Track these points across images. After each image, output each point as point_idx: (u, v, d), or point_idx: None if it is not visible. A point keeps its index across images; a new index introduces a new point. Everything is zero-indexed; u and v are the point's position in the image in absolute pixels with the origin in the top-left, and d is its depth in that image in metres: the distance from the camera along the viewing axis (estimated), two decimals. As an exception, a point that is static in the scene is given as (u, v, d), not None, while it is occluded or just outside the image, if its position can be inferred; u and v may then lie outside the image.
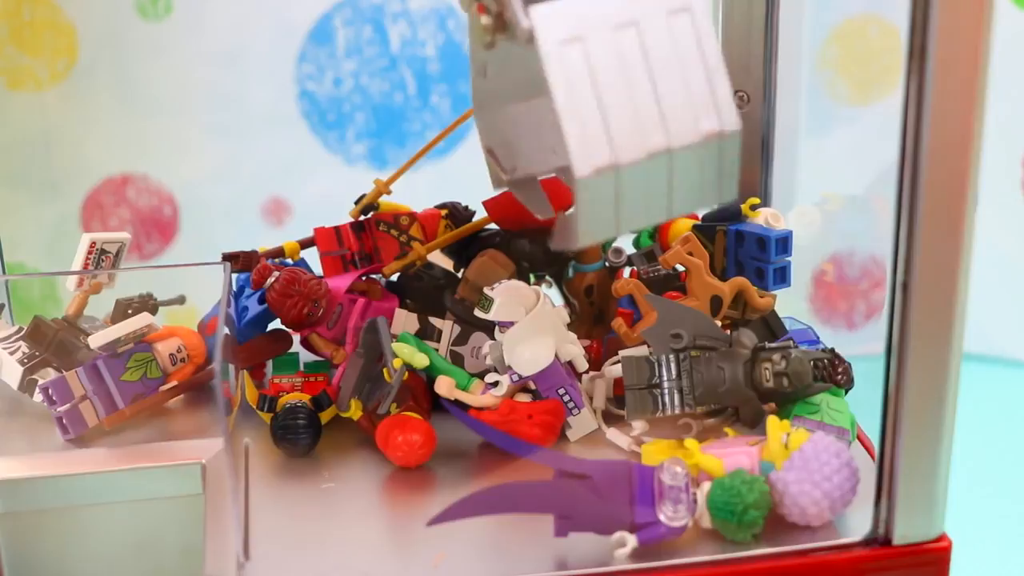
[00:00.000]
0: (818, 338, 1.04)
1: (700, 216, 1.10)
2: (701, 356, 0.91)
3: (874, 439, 0.84)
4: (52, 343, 1.05)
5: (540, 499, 0.83)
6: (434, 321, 1.04)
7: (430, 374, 0.99)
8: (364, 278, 1.08)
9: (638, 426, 0.94)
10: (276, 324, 1.07)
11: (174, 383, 1.04)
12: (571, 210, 0.79)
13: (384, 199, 1.10)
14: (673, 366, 0.90)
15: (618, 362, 0.99)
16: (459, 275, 1.10)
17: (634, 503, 0.83)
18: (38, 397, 1.01)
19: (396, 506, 0.93)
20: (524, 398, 0.98)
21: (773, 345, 0.92)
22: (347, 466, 0.97)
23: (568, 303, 1.10)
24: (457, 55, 2.04)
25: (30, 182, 2.00)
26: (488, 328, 1.02)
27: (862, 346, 1.99)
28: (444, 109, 2.08)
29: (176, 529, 0.91)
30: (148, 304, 1.10)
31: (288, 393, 1.01)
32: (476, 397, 0.98)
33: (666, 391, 0.90)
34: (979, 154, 0.76)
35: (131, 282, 1.12)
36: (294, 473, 0.96)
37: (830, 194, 1.88)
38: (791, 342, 0.96)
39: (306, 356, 1.07)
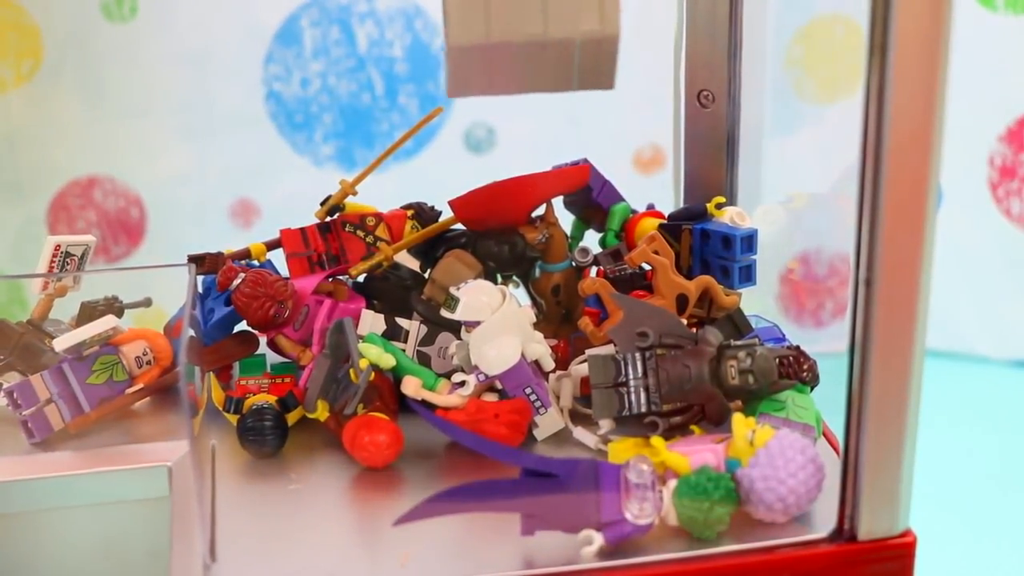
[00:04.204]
0: (784, 335, 1.05)
1: (666, 215, 1.11)
2: (667, 354, 0.91)
3: (840, 435, 0.84)
4: (17, 346, 1.04)
5: (507, 498, 0.83)
6: (401, 321, 1.04)
7: (397, 374, 0.99)
8: (330, 279, 1.08)
9: (605, 424, 0.94)
10: (243, 326, 1.07)
11: (140, 386, 1.04)
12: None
13: (350, 200, 1.10)
14: (639, 365, 0.91)
15: (585, 361, 1.00)
16: (426, 275, 1.10)
17: (601, 501, 0.83)
18: (3, 401, 1.00)
19: (363, 506, 0.93)
20: (491, 397, 0.98)
21: (739, 343, 0.92)
22: (314, 467, 0.96)
23: (535, 303, 1.10)
24: (425, 55, 2.04)
25: (-5, 185, 1.99)
26: (455, 328, 1.02)
27: (830, 343, 2.00)
28: (412, 109, 2.08)
29: (142, 532, 0.91)
30: (114, 307, 1.10)
31: (255, 395, 1.01)
32: (443, 397, 0.98)
33: (632, 390, 0.91)
34: (939, 150, 0.76)
35: (97, 285, 1.12)
36: (261, 474, 0.96)
37: (795, 192, 1.89)
38: (757, 340, 0.96)
39: (273, 358, 1.07)
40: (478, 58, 0.88)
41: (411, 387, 0.98)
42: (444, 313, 0.98)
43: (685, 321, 1.00)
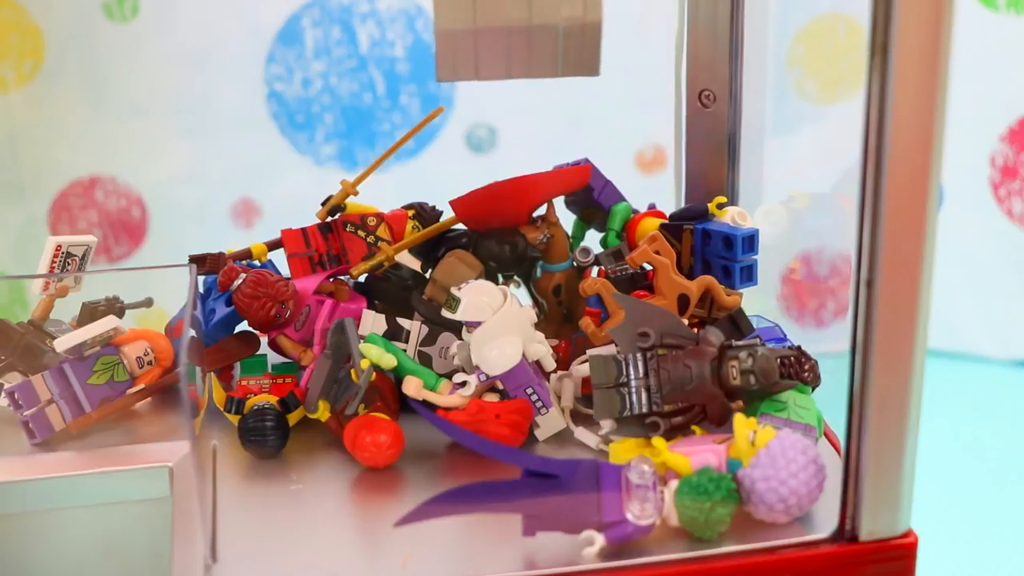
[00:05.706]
0: (785, 336, 1.05)
1: (667, 215, 1.11)
2: (668, 354, 0.91)
3: (841, 436, 0.84)
4: (18, 347, 1.04)
5: (508, 499, 0.83)
6: (402, 322, 1.04)
7: (398, 375, 0.99)
8: (332, 279, 1.08)
9: (606, 425, 0.94)
10: (244, 326, 1.07)
11: (141, 386, 1.04)
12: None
13: (351, 200, 1.10)
14: (640, 365, 0.91)
15: (586, 361, 0.99)
16: (427, 275, 1.10)
17: (602, 502, 0.83)
18: (4, 401, 1.00)
19: (364, 507, 0.93)
20: (492, 398, 0.98)
21: (740, 343, 0.92)
22: (315, 467, 0.96)
23: (536, 303, 1.10)
24: (426, 55, 2.04)
25: (-4, 185, 1.99)
26: (456, 328, 1.02)
27: (831, 343, 2.00)
28: (414, 109, 2.08)
29: (144, 532, 0.91)
30: (115, 307, 1.10)
31: (256, 395, 1.01)
32: (444, 397, 0.98)
33: (633, 390, 0.90)
34: (941, 150, 0.76)
35: (98, 285, 1.12)
36: (262, 475, 0.96)
37: (796, 192, 1.89)
38: (758, 340, 0.96)
39: (274, 358, 1.07)
40: (465, 43, 0.90)
41: (412, 387, 0.98)
42: (445, 313, 0.98)
43: (686, 321, 1.00)
